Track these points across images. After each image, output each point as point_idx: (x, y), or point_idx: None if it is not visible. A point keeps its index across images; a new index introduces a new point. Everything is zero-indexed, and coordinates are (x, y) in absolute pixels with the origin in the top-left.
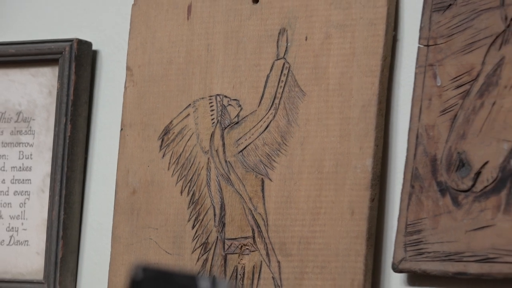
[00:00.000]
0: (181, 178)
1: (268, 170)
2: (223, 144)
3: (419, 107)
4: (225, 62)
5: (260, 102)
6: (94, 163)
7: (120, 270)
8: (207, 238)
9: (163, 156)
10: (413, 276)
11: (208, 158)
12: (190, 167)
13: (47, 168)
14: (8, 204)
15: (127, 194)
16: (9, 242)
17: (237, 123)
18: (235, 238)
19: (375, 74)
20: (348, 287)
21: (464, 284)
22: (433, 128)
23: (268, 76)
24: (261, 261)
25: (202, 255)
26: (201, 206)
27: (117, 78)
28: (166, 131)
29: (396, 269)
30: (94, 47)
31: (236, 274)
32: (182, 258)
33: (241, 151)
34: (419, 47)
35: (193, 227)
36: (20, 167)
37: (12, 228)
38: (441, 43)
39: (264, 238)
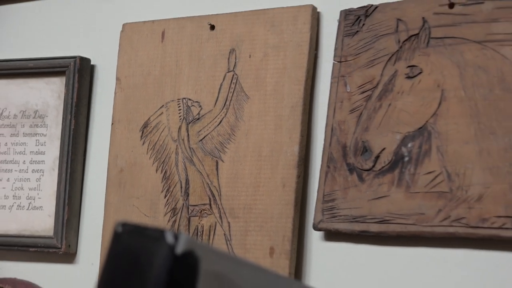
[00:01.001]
0: (156, 160)
1: (221, 154)
2: (188, 135)
3: (334, 108)
4: (189, 74)
5: (215, 103)
6: (92, 149)
7: (110, 228)
8: (175, 205)
9: (143, 143)
10: (329, 234)
11: (177, 145)
12: (163, 152)
13: (57, 153)
14: (28, 179)
15: (116, 172)
16: (28, 207)
17: (198, 119)
18: (196, 205)
19: (301, 83)
20: (280, 241)
21: (367, 240)
22: (344, 123)
23: (221, 84)
24: (216, 222)
25: (172, 217)
26: (171, 181)
27: (109, 85)
28: (145, 125)
29: (316, 228)
30: (92, 62)
31: (197, 232)
32: (157, 220)
33: (201, 140)
34: (334, 63)
35: (165, 196)
36: (37, 152)
37: (31, 197)
38: (350, 60)
39: (218, 205)
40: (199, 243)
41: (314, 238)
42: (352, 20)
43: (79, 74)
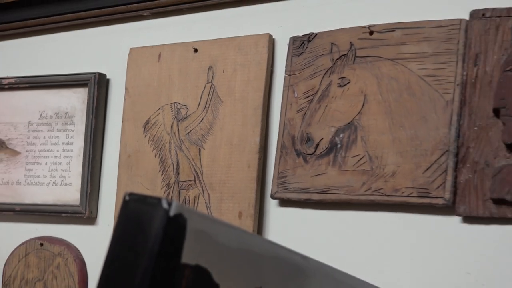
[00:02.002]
0: (155, 148)
1: (203, 143)
2: (178, 130)
3: (285, 109)
4: (179, 85)
5: (198, 106)
6: (108, 140)
7: (122, 198)
8: (169, 181)
9: (145, 136)
10: (282, 201)
11: (170, 137)
12: (160, 142)
13: (82, 143)
14: (60, 163)
15: (126, 157)
16: (61, 184)
17: (185, 118)
18: (185, 181)
19: (261, 91)
20: (246, 207)
21: (310, 205)
22: (293, 120)
23: (202, 92)
24: (199, 193)
25: (166, 191)
26: (166, 163)
27: (120, 94)
28: (147, 122)
29: (273, 197)
30: (107, 77)
31: (185, 201)
32: (155, 192)
33: (187, 133)
34: (285, 76)
35: (162, 175)
36: (67, 143)
37: (63, 176)
38: (297, 73)
39: (201, 181)
40: (186, 208)
41: (272, 205)
42: (298, 44)
43: (98, 86)
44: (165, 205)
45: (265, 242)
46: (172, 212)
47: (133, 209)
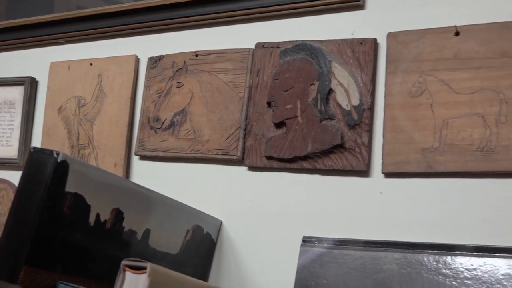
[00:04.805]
0: (64, 123)
1: (94, 121)
2: (79, 112)
3: (144, 100)
4: (80, 85)
5: (91, 98)
6: (36, 119)
7: None
8: (73, 144)
9: (59, 116)
10: (141, 157)
11: (74, 117)
12: (68, 120)
13: (20, 120)
14: (6, 132)
15: (47, 129)
16: (6, 145)
17: (84, 105)
18: (82, 144)
19: (130, 89)
20: (119, 160)
21: (159, 159)
22: (149, 107)
23: (94, 90)
24: (91, 152)
25: (71, 150)
26: (71, 133)
27: (44, 90)
28: (60, 108)
29: (136, 154)
30: (37, 79)
31: (83, 156)
32: (64, 151)
33: (85, 114)
34: (145, 80)
35: (68, 140)
36: (10, 119)
37: (7, 141)
38: (152, 79)
39: (92, 144)
40: (69, 156)
41: (135, 159)
42: (153, 61)
43: (31, 85)
44: (55, 154)
45: (124, 180)
46: (59, 159)
47: (36, 157)
